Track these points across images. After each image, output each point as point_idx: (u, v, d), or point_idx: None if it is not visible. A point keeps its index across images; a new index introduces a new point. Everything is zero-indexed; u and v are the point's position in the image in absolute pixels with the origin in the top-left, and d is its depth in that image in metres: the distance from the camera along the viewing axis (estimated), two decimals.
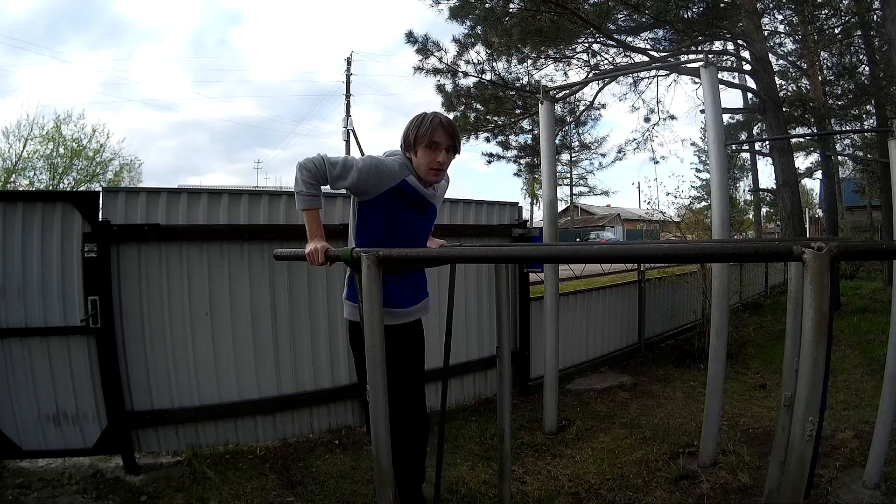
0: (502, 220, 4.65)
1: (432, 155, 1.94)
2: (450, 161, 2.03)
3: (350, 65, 24.06)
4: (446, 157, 1.98)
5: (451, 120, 2.05)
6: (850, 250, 1.08)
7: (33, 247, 2.96)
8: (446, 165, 2.01)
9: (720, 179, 3.29)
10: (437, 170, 1.97)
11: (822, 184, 15.91)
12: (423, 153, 1.94)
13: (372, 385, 1.60)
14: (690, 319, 6.51)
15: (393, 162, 1.97)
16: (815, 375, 1.00)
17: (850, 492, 2.70)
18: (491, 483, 2.88)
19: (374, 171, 1.92)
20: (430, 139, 1.92)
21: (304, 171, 1.89)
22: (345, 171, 1.91)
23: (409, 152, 1.99)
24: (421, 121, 1.96)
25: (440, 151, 1.95)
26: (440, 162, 1.96)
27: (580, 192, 33.39)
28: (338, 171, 1.91)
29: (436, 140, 1.93)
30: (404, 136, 2.01)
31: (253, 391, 3.42)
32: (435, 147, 1.94)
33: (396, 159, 2.00)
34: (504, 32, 8.20)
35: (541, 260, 3.69)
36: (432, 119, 1.95)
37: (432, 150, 1.94)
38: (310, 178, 1.90)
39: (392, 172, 1.95)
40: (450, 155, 2.00)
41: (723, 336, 3.20)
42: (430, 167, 1.96)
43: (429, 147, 1.93)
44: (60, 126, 18.38)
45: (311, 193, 1.90)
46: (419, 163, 1.96)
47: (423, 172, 1.97)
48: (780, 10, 9.53)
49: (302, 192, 1.89)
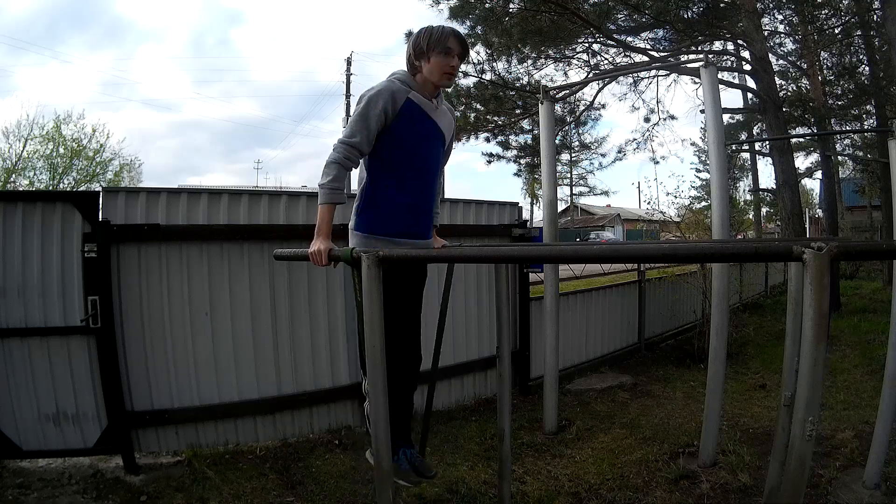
0: (502, 220, 4.65)
1: (447, 59, 1.98)
2: (459, 68, 2.09)
3: (350, 65, 24.08)
4: (457, 63, 2.02)
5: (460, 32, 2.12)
6: (850, 250, 1.08)
7: (33, 247, 2.96)
8: (457, 70, 2.06)
9: (720, 179, 3.29)
10: (451, 73, 2.02)
11: (822, 184, 15.90)
12: (437, 59, 1.97)
13: (372, 385, 1.60)
14: (690, 319, 6.51)
15: (390, 83, 1.97)
16: (815, 375, 1.00)
17: (850, 492, 2.70)
18: (491, 483, 2.88)
19: (379, 95, 1.91)
20: (444, 45, 1.96)
21: (330, 164, 1.88)
22: (359, 124, 1.89)
23: (420, 61, 2.00)
24: (432, 30, 2.00)
25: (454, 57, 1.99)
26: (453, 66, 2.00)
27: (580, 192, 33.38)
28: (356, 131, 1.89)
29: (449, 46, 1.97)
30: (413, 46, 2.01)
31: (253, 391, 3.41)
32: (449, 52, 1.98)
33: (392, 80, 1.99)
34: (504, 32, 8.20)
35: (541, 260, 3.69)
36: (443, 28, 2.00)
37: (447, 55, 1.97)
38: (334, 169, 1.87)
39: (396, 89, 1.95)
40: (459, 63, 2.05)
41: (723, 336, 3.20)
42: (443, 71, 1.99)
43: (443, 52, 1.97)
44: (60, 126, 18.38)
45: (331, 187, 1.87)
46: (432, 69, 1.98)
47: (436, 77, 2.00)
48: (780, 10, 9.52)
49: (322, 184, 1.88)
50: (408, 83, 1.99)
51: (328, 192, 1.87)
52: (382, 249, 1.58)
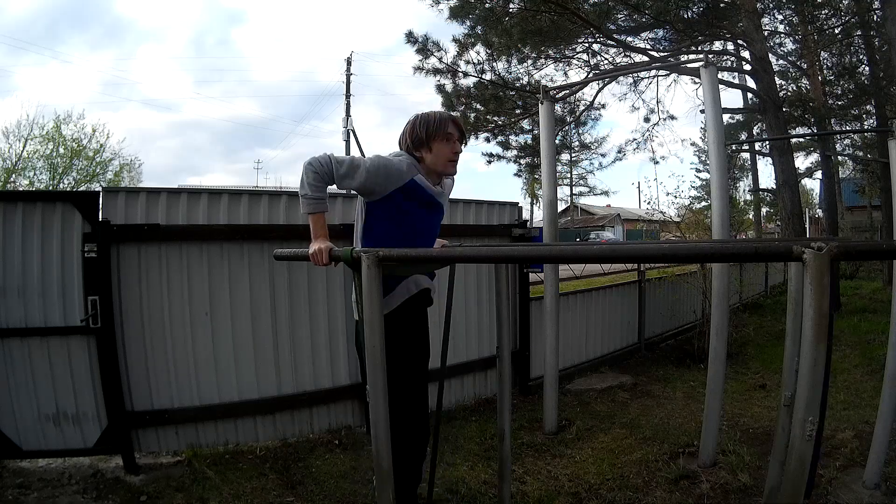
0: (502, 220, 4.65)
1: (450, 146, 1.99)
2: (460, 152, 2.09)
3: (350, 65, 24.07)
4: (460, 148, 2.04)
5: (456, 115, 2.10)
6: (850, 250, 1.08)
7: (33, 247, 2.96)
8: (459, 155, 2.07)
9: (720, 179, 3.29)
10: (454, 161, 2.03)
11: (822, 184, 15.92)
12: (440, 146, 1.99)
13: (372, 385, 1.60)
14: (690, 319, 6.51)
15: (400, 161, 1.98)
16: (815, 375, 1.00)
17: (850, 492, 2.70)
18: (491, 483, 2.88)
19: (382, 170, 1.92)
20: (445, 132, 1.97)
21: (309, 173, 1.88)
22: (351, 170, 1.91)
23: (421, 150, 2.01)
24: (428, 118, 2.00)
25: (455, 142, 2.01)
26: (457, 152, 2.02)
27: (580, 192, 33.40)
28: (344, 169, 1.90)
29: (450, 131, 1.99)
30: (412, 136, 2.02)
31: (253, 391, 3.41)
32: (450, 138, 1.99)
33: (403, 159, 2.01)
34: (504, 32, 8.20)
35: (541, 260, 3.69)
36: (440, 114, 2.01)
37: (448, 141, 1.99)
38: (315, 179, 1.88)
39: (400, 171, 1.95)
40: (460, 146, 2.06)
41: (723, 336, 3.20)
42: (448, 159, 2.00)
43: (445, 139, 1.98)
44: (60, 126, 18.39)
45: (317, 197, 1.89)
46: (436, 156, 1.99)
47: (441, 166, 2.01)
48: (780, 10, 9.53)
49: (307, 195, 1.88)
50: (415, 166, 2.01)
51: (312, 202, 1.89)
52: (382, 249, 1.58)
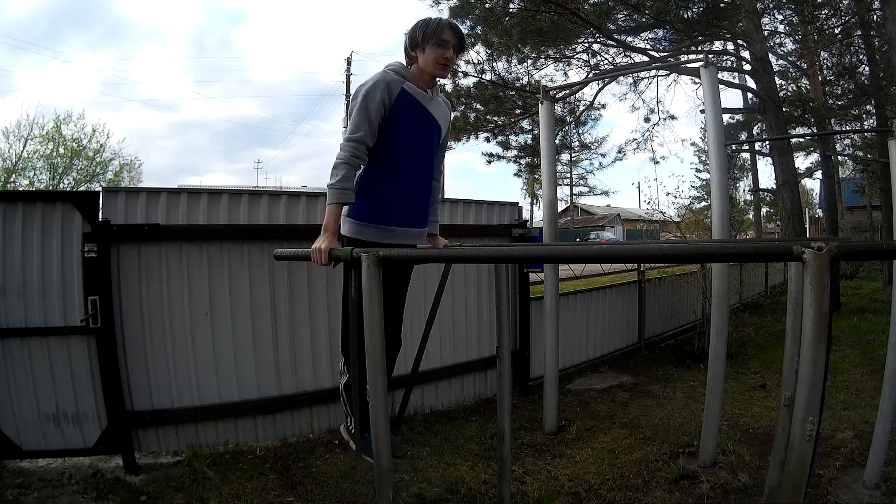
0: (502, 220, 4.65)
1: (441, 51, 1.98)
2: (454, 61, 2.08)
3: (350, 65, 24.09)
4: (452, 55, 2.02)
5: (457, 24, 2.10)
6: (850, 250, 1.08)
7: (33, 247, 2.96)
8: (452, 63, 2.06)
9: (720, 179, 3.29)
10: (445, 65, 2.02)
11: (822, 184, 15.91)
12: (432, 49, 1.98)
13: (372, 385, 1.60)
14: (690, 319, 6.51)
15: (384, 75, 1.97)
16: (815, 375, 1.00)
17: (850, 492, 2.70)
18: (491, 483, 2.88)
19: (376, 87, 1.92)
20: (438, 37, 1.97)
21: (337, 165, 1.86)
22: (360, 118, 1.90)
23: (416, 51, 2.01)
24: (427, 22, 2.00)
25: (448, 48, 2.00)
26: (447, 58, 2.00)
27: (580, 192, 33.39)
28: (358, 126, 1.89)
29: (444, 38, 1.98)
30: (410, 37, 2.03)
31: (253, 391, 3.41)
32: (443, 44, 1.98)
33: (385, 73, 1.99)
34: (504, 32, 8.20)
35: (541, 260, 3.69)
36: (439, 20, 2.01)
37: (441, 46, 1.98)
38: (342, 168, 1.85)
39: (390, 80, 1.95)
40: (455, 55, 2.05)
41: (723, 336, 3.20)
42: (437, 62, 1.99)
43: (438, 44, 1.98)
44: (60, 126, 18.39)
45: (342, 187, 1.85)
46: (427, 59, 1.99)
47: (430, 68, 2.00)
48: (780, 10, 9.53)
49: (329, 184, 1.86)
50: (402, 74, 2.00)
51: (336, 191, 1.86)
52: (382, 250, 1.58)
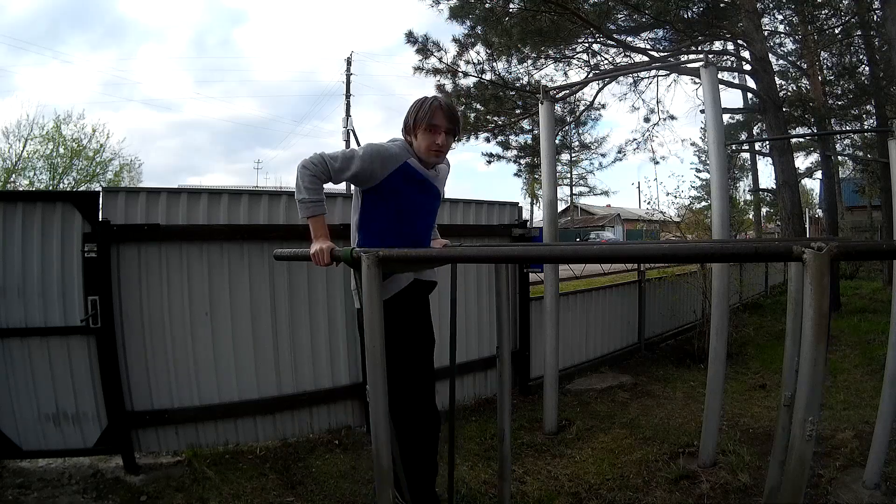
0: (502, 220, 4.65)
1: (432, 137, 1.97)
2: (449, 144, 2.06)
3: (350, 65, 24.03)
4: (445, 140, 2.01)
5: (451, 103, 2.09)
6: (850, 250, 1.08)
7: (33, 247, 2.96)
8: (446, 148, 2.04)
9: (720, 179, 3.29)
10: (437, 151, 2.01)
11: (822, 184, 15.90)
12: (423, 136, 1.97)
13: (372, 385, 1.60)
14: (690, 319, 6.51)
15: (392, 146, 2.00)
16: (815, 375, 1.00)
17: (850, 492, 2.70)
18: (491, 483, 2.88)
19: (375, 156, 1.93)
20: (429, 122, 1.96)
21: (305, 176, 1.86)
22: (346, 161, 1.91)
23: (410, 135, 2.02)
24: (420, 104, 1.99)
25: (440, 134, 1.98)
26: (439, 144, 1.99)
27: (580, 192, 33.38)
28: (339, 163, 1.90)
29: (435, 123, 1.96)
30: (405, 120, 2.03)
31: (253, 391, 3.41)
32: (434, 130, 1.97)
33: (396, 144, 2.02)
34: (504, 32, 8.20)
35: (541, 260, 3.69)
36: (431, 102, 1.99)
37: (432, 132, 1.97)
38: (311, 182, 1.87)
39: (393, 155, 1.96)
40: (449, 138, 2.03)
41: (723, 336, 3.20)
42: (429, 149, 1.99)
43: (428, 130, 1.96)
44: (60, 126, 18.40)
45: (314, 200, 1.87)
46: (419, 145, 1.99)
47: (423, 154, 2.00)
48: (780, 10, 9.53)
49: (304, 199, 1.86)
50: (408, 150, 2.01)
51: (310, 205, 1.87)
52: (382, 250, 1.58)
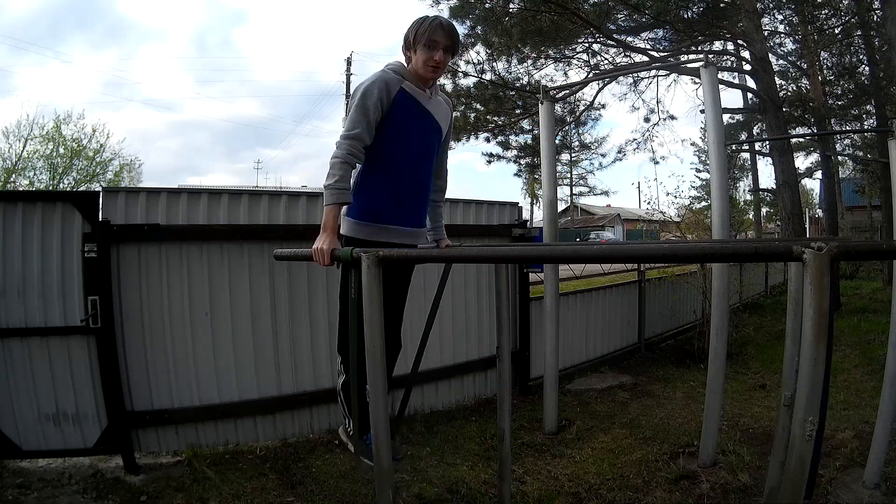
0: (502, 220, 4.65)
1: (430, 52, 1.97)
2: (447, 62, 2.06)
3: (350, 65, 24.09)
4: (443, 57, 2.01)
5: (451, 23, 2.07)
6: (850, 250, 1.08)
7: (33, 247, 2.96)
8: (443, 64, 2.03)
9: (720, 179, 3.30)
10: (435, 67, 2.00)
11: (822, 184, 15.92)
12: (422, 51, 1.97)
13: (372, 385, 1.60)
14: (690, 319, 6.51)
15: (383, 74, 1.97)
16: (815, 375, 1.00)
17: (850, 492, 2.70)
18: (491, 483, 2.88)
19: (372, 88, 1.91)
20: (429, 38, 1.95)
21: (334, 165, 1.84)
22: (358, 119, 1.89)
23: (409, 52, 2.01)
24: (422, 21, 1.99)
25: (438, 50, 1.98)
26: (437, 60, 1.98)
27: (580, 192, 33.37)
28: (358, 126, 1.88)
29: (434, 38, 1.96)
30: (405, 36, 2.02)
31: (253, 391, 3.41)
32: (433, 45, 1.96)
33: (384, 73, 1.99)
34: (504, 32, 8.20)
35: (541, 260, 3.69)
36: (432, 20, 1.99)
37: (431, 48, 1.97)
38: (341, 167, 1.84)
39: (385, 80, 1.94)
40: (447, 56, 2.03)
41: (723, 336, 3.20)
42: (426, 64, 1.98)
43: (427, 45, 1.96)
44: (60, 126, 18.38)
45: (339, 187, 1.84)
46: (417, 60, 1.98)
47: (420, 69, 1.99)
48: (780, 10, 9.53)
49: (329, 185, 1.84)
50: (401, 73, 1.99)
51: (334, 192, 1.84)
52: (382, 250, 1.58)
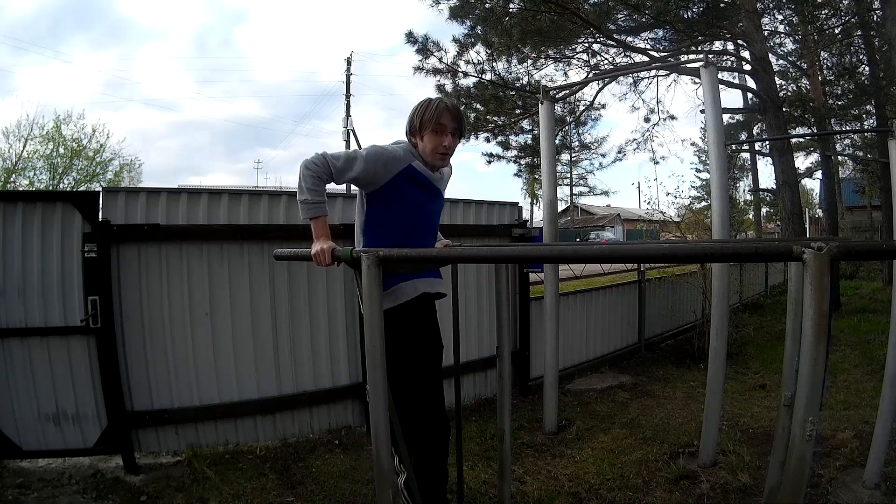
0: (502, 220, 4.65)
1: (438, 139, 1.95)
2: (455, 146, 2.04)
3: (350, 65, 24.05)
4: (452, 142, 1.99)
5: (457, 105, 2.05)
6: (850, 250, 1.08)
7: (33, 247, 2.96)
8: (452, 149, 2.02)
9: (720, 179, 3.29)
10: (444, 154, 1.99)
11: (822, 184, 15.90)
12: (430, 137, 1.95)
13: (372, 385, 1.60)
14: (690, 319, 6.51)
15: (396, 148, 1.97)
16: (815, 375, 1.00)
17: (850, 492, 2.70)
18: (491, 483, 2.88)
19: (379, 158, 1.90)
20: (436, 123, 1.94)
21: (307, 177, 1.83)
22: (349, 162, 1.88)
23: (415, 137, 2.00)
24: (427, 106, 1.96)
25: (446, 135, 1.96)
26: (446, 146, 1.97)
27: (580, 192, 33.39)
28: (342, 163, 1.87)
29: (442, 123, 1.94)
30: (409, 121, 2.00)
31: (253, 391, 3.41)
32: (441, 131, 1.95)
33: (400, 146, 2.00)
34: (504, 32, 8.20)
35: (541, 260, 3.69)
36: (438, 104, 1.96)
37: (438, 133, 1.95)
38: (314, 182, 1.84)
39: (397, 157, 1.94)
40: (455, 139, 2.01)
41: (723, 336, 3.20)
42: (436, 151, 1.96)
43: (435, 131, 1.94)
44: (60, 126, 18.41)
45: (316, 201, 1.84)
46: (425, 147, 1.97)
47: (429, 157, 1.98)
48: (780, 10, 9.52)
49: (306, 200, 1.84)
50: (412, 153, 1.99)
51: (312, 206, 1.84)
52: (382, 249, 1.58)
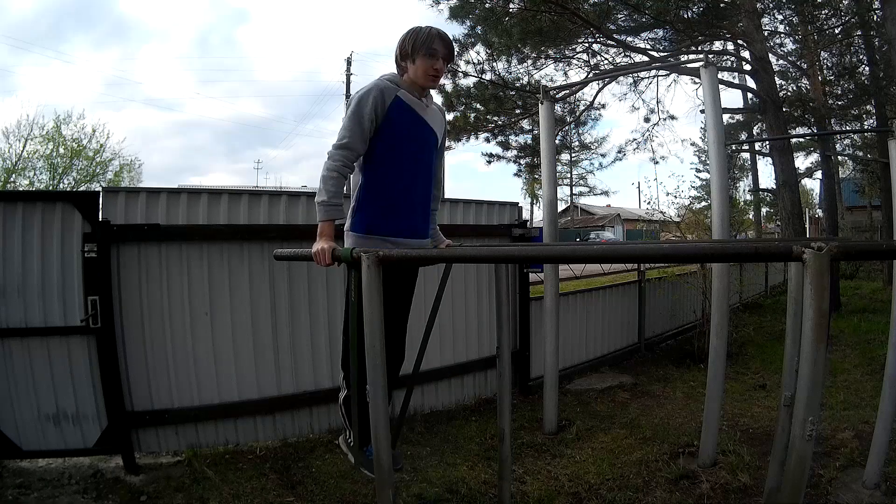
0: (502, 220, 4.65)
1: (430, 61, 2.00)
2: (444, 71, 2.09)
3: (350, 65, 24.10)
4: (442, 66, 2.04)
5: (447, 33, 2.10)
6: (850, 250, 1.08)
7: (33, 247, 2.96)
8: (442, 73, 2.07)
9: (720, 179, 3.30)
10: (435, 76, 2.03)
11: (822, 184, 15.91)
12: (422, 60, 1.99)
13: (372, 385, 1.60)
14: (690, 319, 6.51)
15: (375, 86, 1.97)
16: (815, 375, 1.00)
17: (850, 492, 2.70)
18: (491, 483, 2.88)
19: (367, 96, 1.92)
20: (428, 47, 1.98)
21: (327, 179, 1.85)
22: (352, 126, 1.90)
23: (405, 62, 2.03)
24: (417, 32, 2.01)
25: (438, 59, 2.01)
26: (437, 69, 2.01)
27: (580, 192, 33.34)
28: (349, 133, 1.89)
29: (434, 48, 1.99)
30: (399, 47, 2.03)
31: (253, 391, 3.41)
32: (433, 54, 1.99)
33: (376, 83, 2.00)
34: (504, 32, 8.20)
35: (541, 260, 3.69)
36: (430, 30, 2.02)
37: (431, 57, 1.99)
38: (334, 184, 1.85)
39: (382, 88, 1.95)
40: (444, 65, 2.06)
41: (723, 336, 3.20)
42: (427, 73, 2.01)
43: (427, 55, 1.99)
44: (60, 126, 18.40)
45: (332, 203, 1.85)
46: (416, 70, 2.00)
47: (420, 79, 2.01)
48: (780, 10, 9.51)
49: (322, 201, 1.85)
50: (396, 82, 2.01)
51: (327, 209, 1.85)
52: (382, 249, 1.58)
